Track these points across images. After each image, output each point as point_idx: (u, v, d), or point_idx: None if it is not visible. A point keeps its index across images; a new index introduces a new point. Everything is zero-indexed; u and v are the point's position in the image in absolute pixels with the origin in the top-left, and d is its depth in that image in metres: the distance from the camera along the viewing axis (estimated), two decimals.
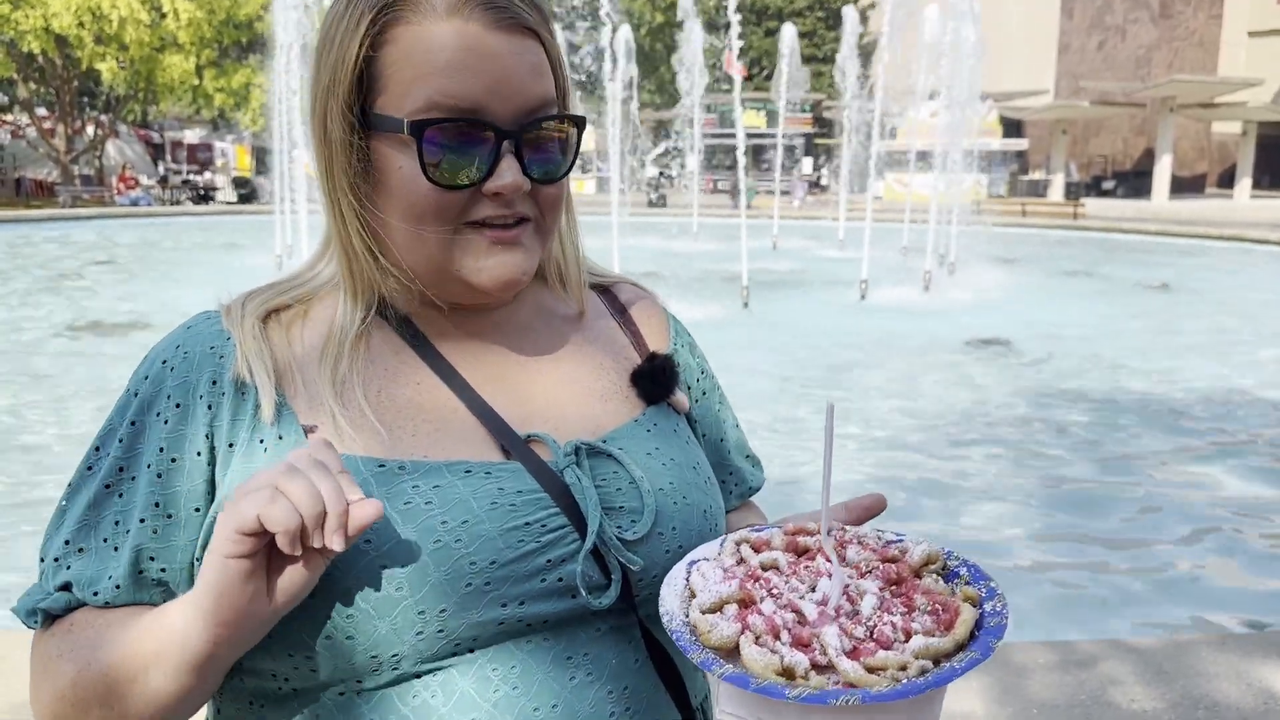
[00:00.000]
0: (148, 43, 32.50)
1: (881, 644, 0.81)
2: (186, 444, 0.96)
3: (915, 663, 0.78)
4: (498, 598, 0.92)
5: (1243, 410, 8.51)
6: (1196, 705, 3.30)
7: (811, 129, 47.08)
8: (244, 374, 0.97)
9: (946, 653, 0.80)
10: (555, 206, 1.04)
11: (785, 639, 0.82)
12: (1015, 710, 3.28)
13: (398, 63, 0.96)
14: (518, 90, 0.97)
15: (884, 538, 0.95)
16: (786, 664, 0.79)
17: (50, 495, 6.01)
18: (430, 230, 0.98)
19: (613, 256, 13.36)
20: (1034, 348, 11.02)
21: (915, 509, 5.96)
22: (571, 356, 1.12)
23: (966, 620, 0.82)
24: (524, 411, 1.04)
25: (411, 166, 0.96)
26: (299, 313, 1.05)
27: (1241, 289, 16.62)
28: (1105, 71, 49.85)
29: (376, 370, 1.02)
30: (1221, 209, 36.43)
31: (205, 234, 25.05)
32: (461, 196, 0.97)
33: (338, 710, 0.94)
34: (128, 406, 1.00)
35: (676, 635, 0.85)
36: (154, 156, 46.55)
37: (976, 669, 0.80)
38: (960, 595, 0.87)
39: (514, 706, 0.93)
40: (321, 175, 1.02)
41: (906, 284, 15.38)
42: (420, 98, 0.95)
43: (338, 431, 0.96)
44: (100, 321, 12.06)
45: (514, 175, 0.97)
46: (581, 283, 1.18)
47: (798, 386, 9.01)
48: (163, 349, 1.02)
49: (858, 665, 0.79)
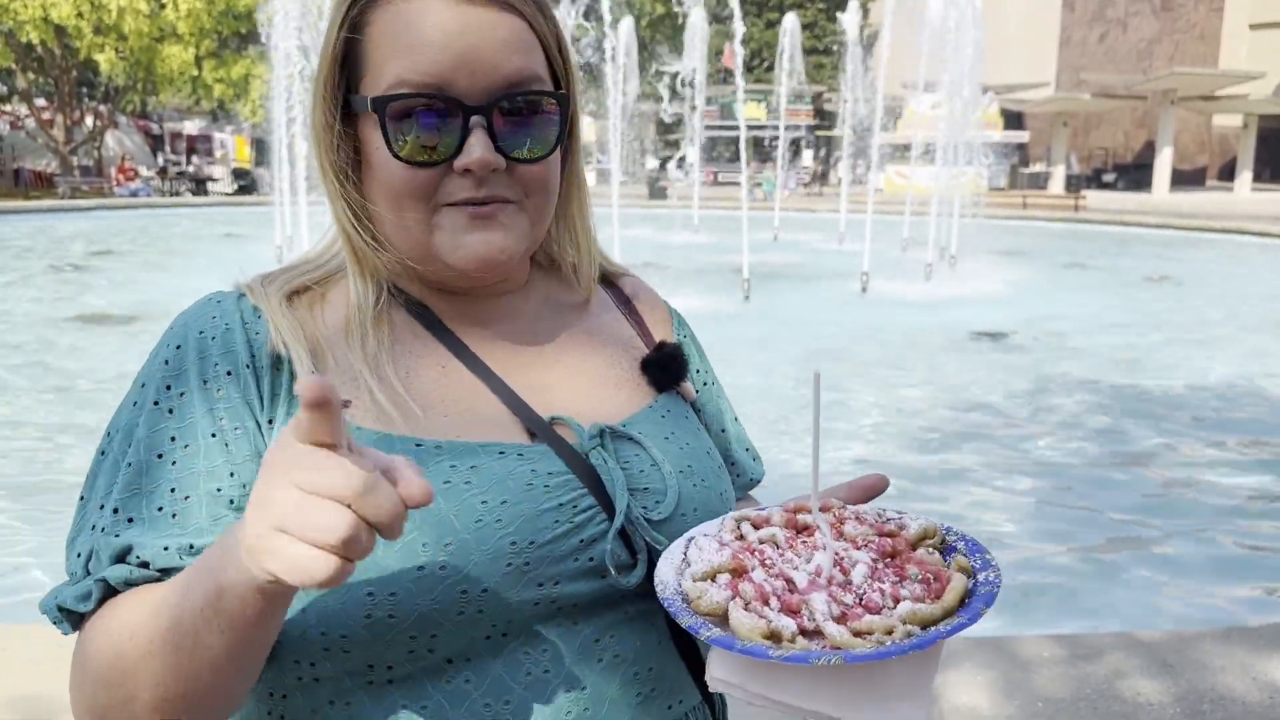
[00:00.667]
0: (147, 33, 32.41)
1: (870, 610, 0.82)
2: (245, 411, 0.95)
3: (902, 627, 0.79)
4: (535, 578, 0.92)
5: (1245, 402, 8.51)
6: (1202, 699, 3.30)
7: (812, 121, 47.01)
8: (280, 348, 0.97)
9: (935, 619, 0.80)
10: (543, 187, 1.02)
11: (774, 605, 0.83)
12: (1020, 704, 3.27)
13: (374, 44, 0.96)
14: (487, 65, 0.95)
15: (884, 515, 0.96)
16: (773, 628, 0.80)
17: (49, 485, 6.01)
18: (409, 212, 0.98)
19: (613, 248, 13.33)
20: (1035, 340, 11.02)
21: (916, 500, 5.95)
22: (582, 346, 1.13)
23: (957, 589, 0.82)
24: (544, 397, 1.04)
25: (384, 146, 0.96)
26: (317, 295, 1.05)
27: (1242, 282, 16.61)
28: (1106, 64, 49.75)
29: (402, 350, 1.02)
30: (1222, 202, 36.39)
31: (205, 225, 25.03)
32: (432, 175, 0.96)
33: (369, 700, 0.93)
34: (162, 377, 0.96)
35: (669, 603, 0.86)
36: (153, 147, 46.48)
37: (981, 665, 0.80)
38: (954, 566, 0.87)
39: (546, 689, 0.93)
40: (317, 160, 1.03)
41: (907, 277, 15.37)
42: (390, 77, 0.95)
43: (376, 407, 0.96)
44: (100, 312, 12.04)
45: (483, 151, 0.95)
46: (593, 273, 1.18)
47: (798, 379, 9.00)
48: (194, 320, 0.99)
49: (844, 629, 0.79)
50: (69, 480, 6.08)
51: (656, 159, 43.05)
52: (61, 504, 5.68)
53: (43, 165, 37.50)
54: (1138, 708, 3.25)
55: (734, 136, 19.31)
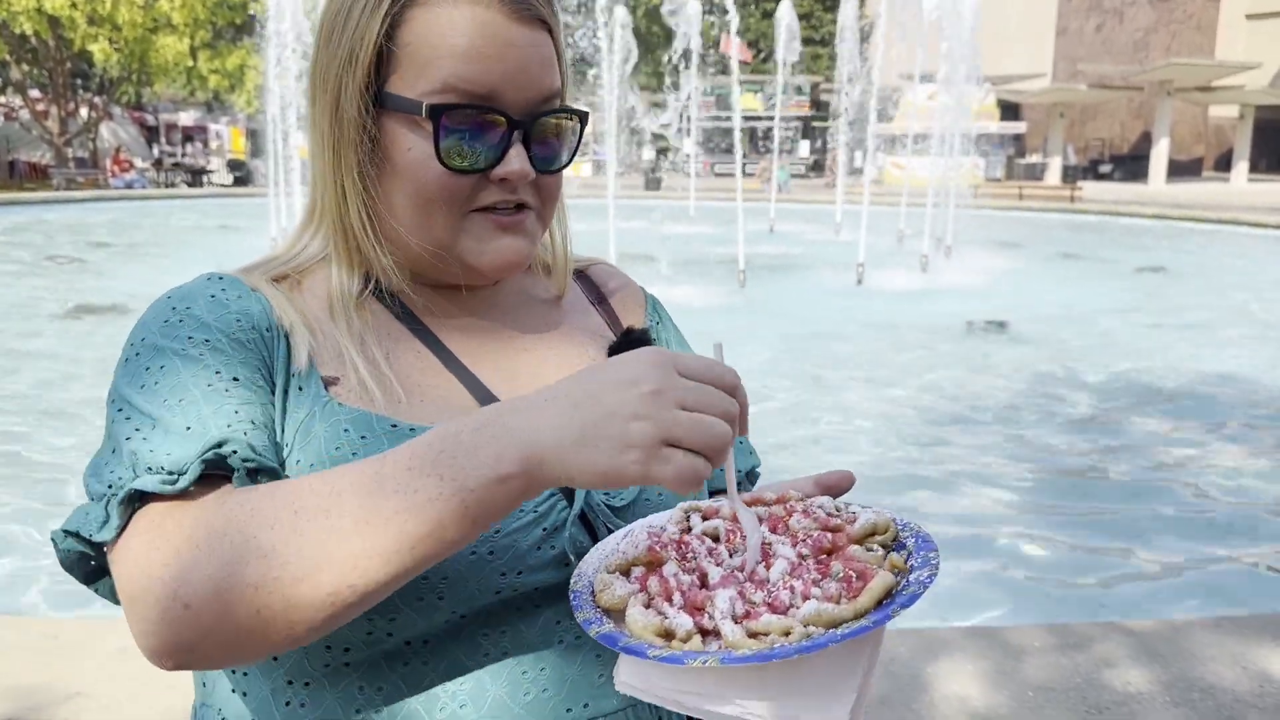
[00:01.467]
0: (141, 23, 32.30)
1: (776, 609, 0.78)
2: (278, 368, 0.96)
3: (800, 629, 0.75)
4: (499, 567, 0.93)
5: (1239, 392, 8.52)
6: (1191, 687, 3.31)
7: (809, 112, 46.95)
8: (283, 321, 0.99)
9: (842, 619, 0.76)
10: (554, 196, 1.07)
11: (677, 601, 0.80)
12: (1011, 693, 3.28)
13: (414, 44, 0.97)
14: (531, 81, 0.99)
15: (838, 510, 0.91)
16: (667, 626, 0.78)
17: (39, 469, 6.01)
18: (438, 215, 0.99)
19: (609, 239, 13.33)
20: (1031, 330, 11.03)
21: (911, 489, 5.97)
22: (552, 338, 1.14)
23: (874, 589, 0.78)
24: (511, 388, 1.05)
25: (423, 148, 0.97)
26: (294, 282, 1.06)
27: (1238, 272, 16.62)
28: (1103, 55, 49.71)
29: (383, 334, 1.04)
30: (1218, 192, 36.41)
31: (200, 217, 24.98)
32: (469, 181, 0.99)
33: (326, 681, 0.94)
34: (182, 327, 0.95)
35: (575, 595, 0.85)
36: (148, 139, 46.36)
37: (972, 654, 0.78)
38: (888, 564, 0.83)
39: (504, 671, 0.94)
40: (325, 151, 1.02)
41: (903, 267, 15.37)
42: (437, 80, 0.96)
43: (361, 385, 0.98)
44: (94, 304, 12.03)
45: (521, 163, 0.99)
46: (568, 270, 1.21)
47: (794, 369, 9.01)
48: (199, 289, 1.00)
49: (739, 629, 0.76)
50: (52, 474, 6.09)
51: (653, 150, 42.93)
52: (44, 495, 5.68)
53: (38, 157, 37.40)
54: (1128, 696, 3.26)
55: (729, 127, 19.32)
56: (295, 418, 0.95)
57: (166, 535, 0.80)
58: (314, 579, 0.76)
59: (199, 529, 0.79)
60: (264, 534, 0.77)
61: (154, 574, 0.78)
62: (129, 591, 0.80)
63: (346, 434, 0.94)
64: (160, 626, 0.78)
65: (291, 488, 0.80)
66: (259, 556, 0.76)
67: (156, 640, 0.79)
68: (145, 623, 0.79)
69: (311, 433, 0.94)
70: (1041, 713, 3.18)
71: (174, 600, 0.77)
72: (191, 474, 0.83)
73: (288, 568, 0.76)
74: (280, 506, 0.78)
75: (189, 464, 0.84)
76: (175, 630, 0.78)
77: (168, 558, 0.79)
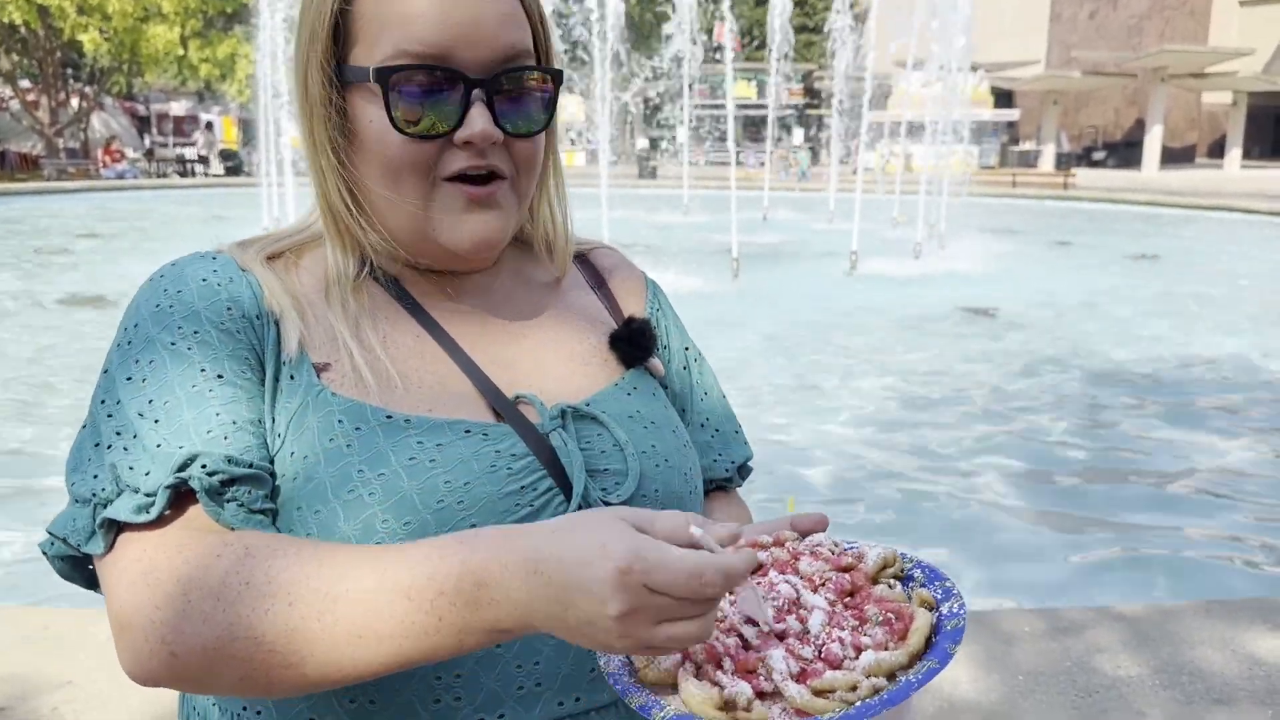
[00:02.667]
0: (131, 13, 32.08)
1: (831, 663, 0.77)
2: (268, 356, 0.96)
3: (866, 681, 0.74)
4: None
5: (1231, 379, 8.54)
6: (1181, 671, 3.32)
7: (803, 100, 46.86)
8: (273, 306, 0.97)
9: (900, 665, 0.76)
10: (531, 164, 1.03)
11: (728, 666, 0.78)
12: (1001, 678, 3.29)
13: (370, 12, 0.95)
14: (488, 38, 0.95)
15: (840, 546, 0.90)
16: (727, 696, 0.75)
17: (31, 461, 6.00)
18: (407, 186, 0.97)
19: (602, 229, 13.30)
20: (1024, 317, 11.04)
21: (903, 477, 5.98)
22: (551, 322, 1.12)
23: (920, 628, 0.78)
24: (509, 375, 1.04)
25: (381, 118, 0.95)
26: (291, 260, 1.05)
27: (1231, 259, 16.63)
28: (1097, 41, 49.64)
29: (379, 320, 1.02)
30: (1212, 179, 36.41)
31: (192, 207, 24.88)
32: (433, 148, 0.96)
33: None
34: (173, 314, 0.94)
35: (613, 677, 0.82)
36: (140, 129, 46.11)
37: (965, 639, 0.77)
38: (916, 600, 0.82)
39: (498, 663, 0.94)
40: (304, 133, 1.01)
41: (896, 255, 15.37)
42: (389, 46, 0.94)
43: (355, 372, 0.96)
44: (86, 295, 11.98)
45: (485, 124, 0.96)
46: (569, 252, 1.18)
47: (787, 357, 9.01)
48: (190, 270, 0.98)
49: (804, 689, 0.74)
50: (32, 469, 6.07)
51: (646, 139, 42.83)
52: (33, 489, 5.67)
53: (28, 148, 37.21)
54: (1118, 680, 3.27)
55: (722, 115, 19.34)
56: (288, 409, 0.94)
57: (158, 575, 0.81)
58: (300, 669, 0.78)
59: (193, 584, 0.80)
60: (257, 619, 0.78)
61: (145, 614, 0.80)
62: (119, 619, 0.82)
63: (340, 425, 0.93)
64: (146, 660, 0.80)
65: (289, 573, 0.80)
66: (249, 637, 0.78)
67: (140, 670, 0.81)
68: (131, 652, 0.81)
69: (305, 424, 0.93)
70: (1032, 697, 3.18)
71: (162, 645, 0.79)
72: (160, 501, 0.84)
73: (275, 655, 0.78)
74: (277, 594, 0.79)
75: (159, 486, 0.85)
76: (158, 669, 0.80)
77: (159, 601, 0.80)
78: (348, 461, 0.91)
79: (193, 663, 0.79)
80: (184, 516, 0.86)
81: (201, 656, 0.79)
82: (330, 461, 0.91)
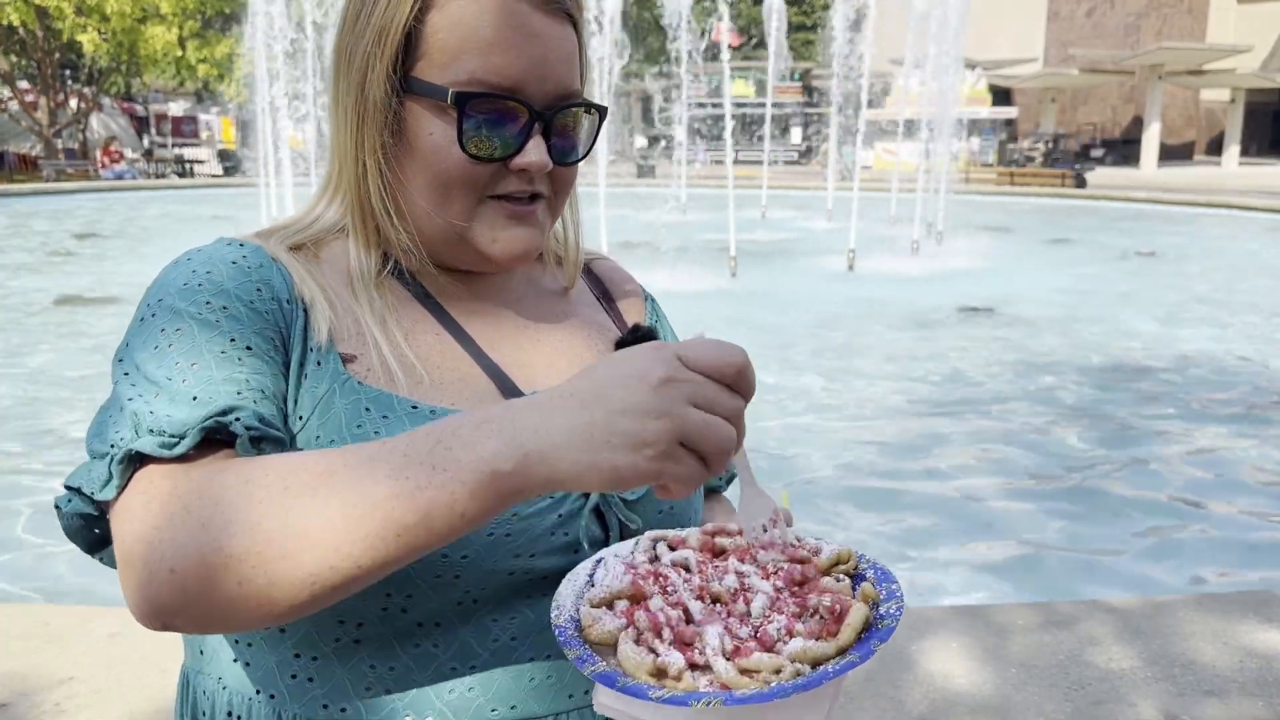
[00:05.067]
0: (129, 14, 32.07)
1: (764, 644, 0.80)
2: (294, 340, 0.97)
3: (790, 666, 0.77)
4: (513, 548, 0.95)
5: (1228, 375, 8.57)
6: (1173, 663, 3.35)
7: (800, 98, 46.85)
8: (303, 294, 0.99)
9: (827, 656, 0.79)
10: (568, 187, 1.09)
11: (667, 636, 0.81)
12: (995, 670, 3.31)
13: (443, 31, 0.98)
14: (554, 74, 1.00)
15: (801, 541, 0.94)
16: (660, 663, 0.78)
17: (34, 461, 6.02)
18: (455, 199, 1.01)
19: (600, 227, 13.32)
20: (1021, 314, 11.06)
21: (899, 471, 6.00)
22: (561, 328, 1.16)
23: (853, 624, 0.81)
24: (527, 374, 1.07)
25: (445, 134, 0.99)
26: (310, 253, 1.07)
27: (1229, 256, 16.66)
28: (1094, 39, 49.66)
29: (402, 315, 1.05)
30: (1209, 176, 36.43)
31: (191, 207, 24.88)
32: (488, 169, 1.00)
33: (336, 658, 0.95)
34: (201, 291, 0.95)
35: (560, 630, 0.84)
36: (138, 129, 46.08)
37: (956, 631, 0.79)
38: (860, 595, 0.86)
39: (511, 656, 0.96)
40: (349, 131, 1.03)
41: (894, 253, 15.38)
42: (464, 69, 0.97)
43: (382, 365, 0.99)
44: (85, 295, 12.00)
45: (540, 155, 1.01)
46: (579, 263, 1.22)
47: (785, 356, 9.03)
48: (220, 253, 1.00)
49: (731, 666, 0.78)
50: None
51: (644, 137, 42.83)
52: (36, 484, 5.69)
53: (27, 148, 37.18)
54: (1110, 673, 3.30)
55: (720, 114, 19.38)
56: (314, 392, 0.95)
57: (161, 498, 0.80)
58: (296, 558, 0.75)
59: (193, 495, 0.79)
60: (253, 508, 0.77)
61: (145, 536, 0.79)
62: (122, 552, 0.81)
63: (368, 413, 0.94)
64: (146, 588, 0.78)
65: (287, 462, 0.80)
66: (245, 529, 0.76)
67: (142, 601, 0.79)
68: (133, 583, 0.79)
69: (331, 409, 0.94)
70: (1025, 690, 3.21)
71: (160, 563, 0.77)
72: (191, 439, 0.83)
73: (271, 543, 0.76)
74: (272, 481, 0.78)
75: (190, 429, 0.83)
76: (159, 592, 0.78)
77: (160, 520, 0.79)
78: None
79: (190, 576, 0.77)
80: (205, 459, 0.84)
81: (199, 565, 0.76)
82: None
